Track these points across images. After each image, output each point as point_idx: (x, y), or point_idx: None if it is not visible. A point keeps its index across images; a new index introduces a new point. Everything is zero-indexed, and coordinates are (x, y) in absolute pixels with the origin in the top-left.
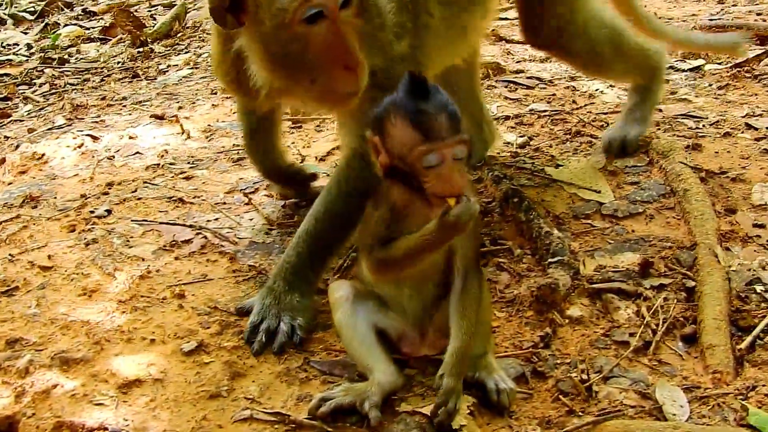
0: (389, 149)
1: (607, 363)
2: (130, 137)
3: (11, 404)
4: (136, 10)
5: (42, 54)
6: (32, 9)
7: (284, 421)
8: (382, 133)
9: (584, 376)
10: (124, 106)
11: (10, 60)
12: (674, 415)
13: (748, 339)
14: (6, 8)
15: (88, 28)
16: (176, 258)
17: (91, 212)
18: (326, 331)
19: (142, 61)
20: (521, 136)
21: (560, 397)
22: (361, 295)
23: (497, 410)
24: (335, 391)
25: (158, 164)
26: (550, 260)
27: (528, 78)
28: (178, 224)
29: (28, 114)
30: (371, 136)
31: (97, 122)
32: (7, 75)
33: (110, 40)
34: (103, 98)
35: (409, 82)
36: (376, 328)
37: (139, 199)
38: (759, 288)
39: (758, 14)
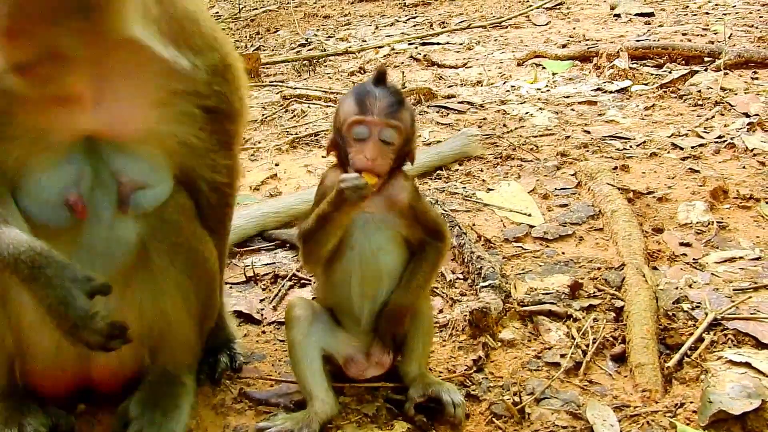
0: (335, 126)
1: (539, 385)
2: None
3: None
4: None
5: None
6: None
7: None
8: (336, 113)
9: (517, 399)
10: None
11: None
12: None
13: (676, 357)
14: None
15: None
16: None
17: None
18: (261, 361)
19: None
20: None
21: (494, 420)
22: (317, 315)
23: (451, 425)
24: (273, 421)
25: None
26: (481, 284)
27: (459, 103)
28: None
29: None
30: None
31: None
32: None
33: None
34: None
35: (375, 73)
36: (324, 352)
37: None
38: (686, 306)
39: (684, 34)
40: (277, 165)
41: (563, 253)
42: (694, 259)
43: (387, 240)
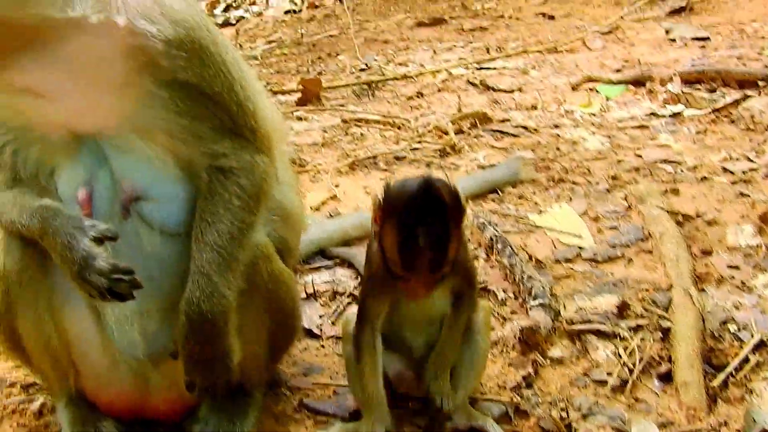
0: (380, 234)
1: (586, 401)
2: None
3: None
4: None
5: None
6: None
7: None
8: (382, 217)
9: (564, 414)
10: None
11: None
12: None
13: (721, 376)
14: None
15: None
16: None
17: None
18: (320, 373)
19: None
20: None
21: None
22: (378, 340)
23: None
24: None
25: None
26: (532, 303)
27: (514, 126)
28: None
29: None
30: (378, 203)
31: None
32: None
33: None
34: None
35: (423, 188)
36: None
37: None
38: (732, 327)
39: (738, 58)
40: (336, 186)
41: (612, 274)
42: (741, 281)
43: (438, 293)
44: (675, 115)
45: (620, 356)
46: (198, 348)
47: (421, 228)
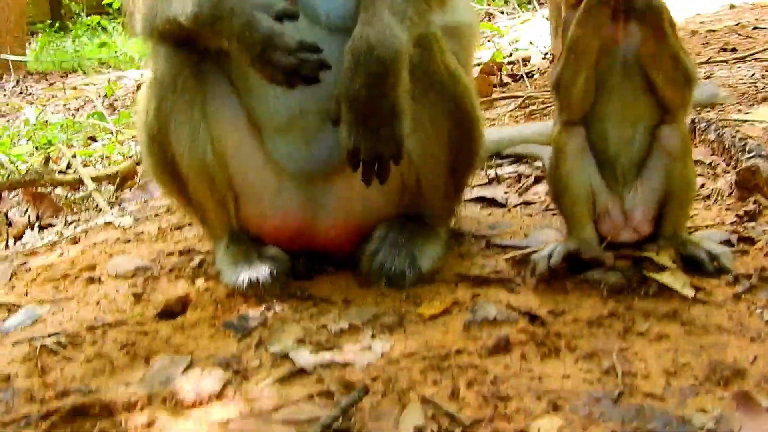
0: None
1: None
2: None
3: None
4: None
5: None
6: None
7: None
8: None
9: None
10: None
11: None
12: None
13: None
14: None
15: None
16: None
17: None
18: (508, 228)
19: None
20: None
21: None
22: (586, 148)
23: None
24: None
25: None
26: (747, 156)
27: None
28: None
29: None
30: None
31: None
32: None
33: None
34: None
35: None
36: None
37: None
38: None
39: None
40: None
41: None
42: None
43: (643, 80)
44: None
45: None
46: (364, 97)
47: None
